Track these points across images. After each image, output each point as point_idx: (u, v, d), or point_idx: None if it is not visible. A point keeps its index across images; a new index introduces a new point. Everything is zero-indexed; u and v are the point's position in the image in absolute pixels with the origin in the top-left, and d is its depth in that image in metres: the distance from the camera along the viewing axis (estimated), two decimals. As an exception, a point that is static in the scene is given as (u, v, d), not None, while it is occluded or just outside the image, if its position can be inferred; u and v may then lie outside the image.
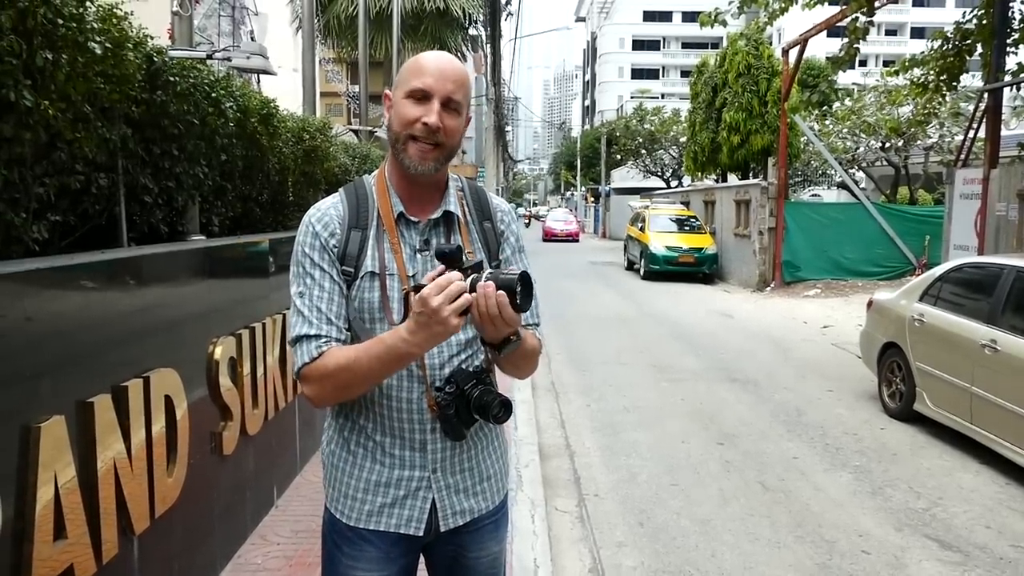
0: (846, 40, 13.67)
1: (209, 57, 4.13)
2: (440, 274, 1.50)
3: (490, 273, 1.52)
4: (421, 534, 1.78)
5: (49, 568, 2.29)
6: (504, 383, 1.85)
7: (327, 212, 1.77)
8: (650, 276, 20.38)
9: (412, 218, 1.77)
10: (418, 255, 1.75)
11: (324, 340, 1.67)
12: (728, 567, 4.28)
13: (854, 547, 4.54)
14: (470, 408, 1.69)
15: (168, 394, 3.05)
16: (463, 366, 1.75)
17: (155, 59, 3.38)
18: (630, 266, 23.23)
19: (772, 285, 17.98)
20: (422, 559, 1.91)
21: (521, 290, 1.49)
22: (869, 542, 4.62)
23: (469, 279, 1.50)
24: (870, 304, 8.11)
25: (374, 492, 1.77)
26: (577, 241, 40.28)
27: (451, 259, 1.53)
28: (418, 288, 1.49)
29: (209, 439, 3.59)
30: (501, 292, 1.48)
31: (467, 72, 1.75)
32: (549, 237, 39.94)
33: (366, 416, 1.78)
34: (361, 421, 1.79)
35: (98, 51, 2.76)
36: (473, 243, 1.82)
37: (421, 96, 1.67)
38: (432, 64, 1.70)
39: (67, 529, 2.36)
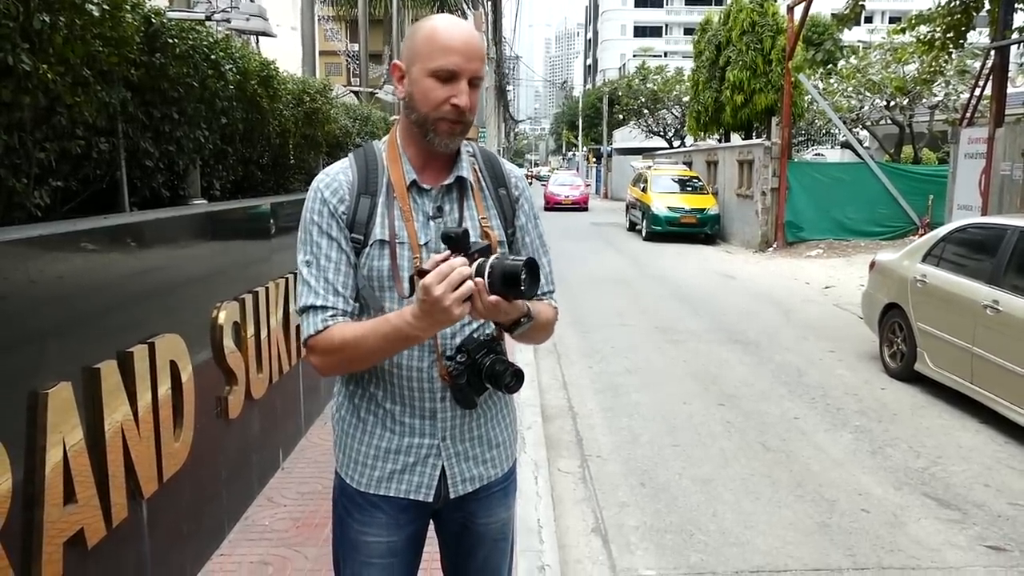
0: (852, -4, 13.47)
1: (208, 18, 4.09)
2: (444, 259, 1.47)
3: (496, 259, 1.49)
4: (431, 500, 1.79)
5: (59, 530, 2.32)
6: (506, 345, 1.86)
7: (336, 178, 1.74)
8: (652, 237, 20.35)
9: (424, 185, 1.74)
10: (431, 222, 1.72)
11: (331, 313, 1.66)
12: (729, 526, 4.33)
13: (854, 506, 4.59)
14: (482, 377, 1.68)
15: (173, 359, 3.06)
16: (474, 335, 1.74)
17: (153, 21, 3.33)
18: (632, 227, 23.18)
19: (774, 246, 17.95)
20: (432, 525, 1.93)
21: (527, 277, 1.46)
22: (869, 501, 4.67)
23: (475, 264, 1.47)
24: (872, 265, 8.10)
25: (384, 459, 1.78)
26: (586, 209, 33.31)
27: (457, 243, 1.50)
28: (421, 273, 1.47)
29: (215, 403, 3.61)
30: (495, 297, 1.46)
31: (483, 40, 1.72)
32: (552, 205, 33.03)
33: (376, 384, 1.78)
34: (371, 388, 1.79)
35: (95, 13, 2.72)
36: (488, 210, 1.80)
37: (448, 77, 1.63)
38: (456, 40, 1.63)
39: (76, 493, 2.39)
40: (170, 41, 3.42)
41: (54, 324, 2.38)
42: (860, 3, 13.58)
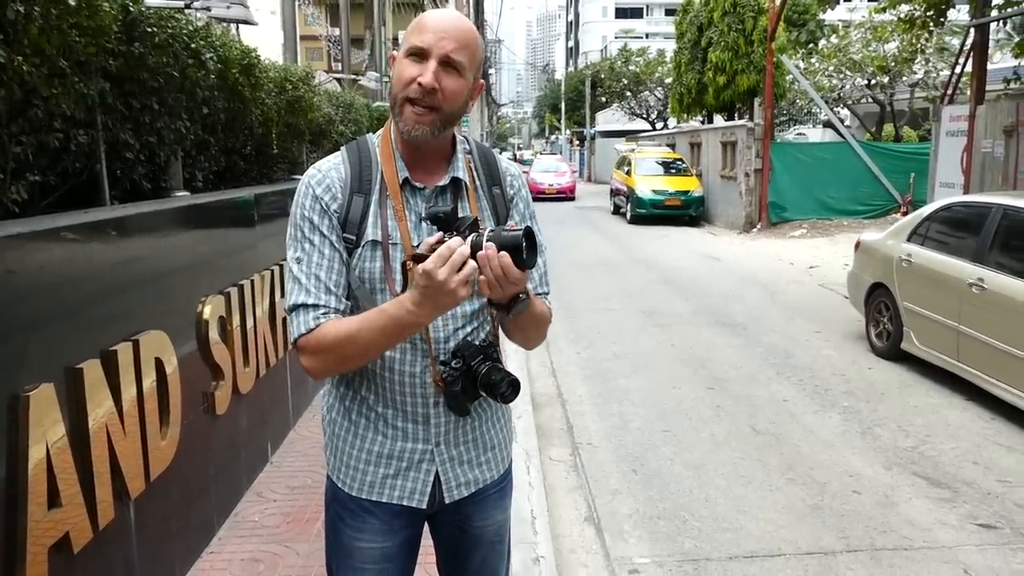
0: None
1: (187, 6, 3.99)
2: (439, 241, 1.43)
3: (492, 231, 1.45)
4: (424, 506, 1.75)
5: (43, 532, 2.27)
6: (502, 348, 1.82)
7: (328, 174, 1.68)
8: (637, 220, 20.35)
9: (418, 184, 1.68)
10: (423, 223, 1.66)
11: (323, 311, 1.60)
12: (721, 511, 4.33)
13: (845, 487, 4.61)
14: (477, 385, 1.64)
15: (158, 356, 3.01)
16: (469, 339, 1.69)
17: (131, 9, 3.25)
18: (616, 210, 23.17)
19: (758, 226, 18.00)
20: (427, 527, 1.89)
21: (527, 246, 1.43)
22: (860, 482, 4.68)
23: (469, 241, 1.43)
24: (858, 245, 8.12)
25: (376, 463, 1.73)
26: (573, 199, 29.71)
27: (447, 222, 1.46)
28: (417, 258, 1.43)
29: (201, 399, 3.56)
30: (504, 253, 1.42)
31: (474, 32, 1.65)
32: (535, 195, 26.92)
33: (368, 387, 1.73)
34: (363, 392, 1.73)
35: (72, 2, 2.65)
36: (482, 210, 1.74)
37: (418, 54, 1.58)
38: (435, 22, 1.60)
39: (61, 496, 2.34)
40: (149, 30, 3.34)
41: (34, 324, 2.32)
42: (842, -17, 13.59)
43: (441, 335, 1.67)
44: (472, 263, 1.41)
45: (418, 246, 1.59)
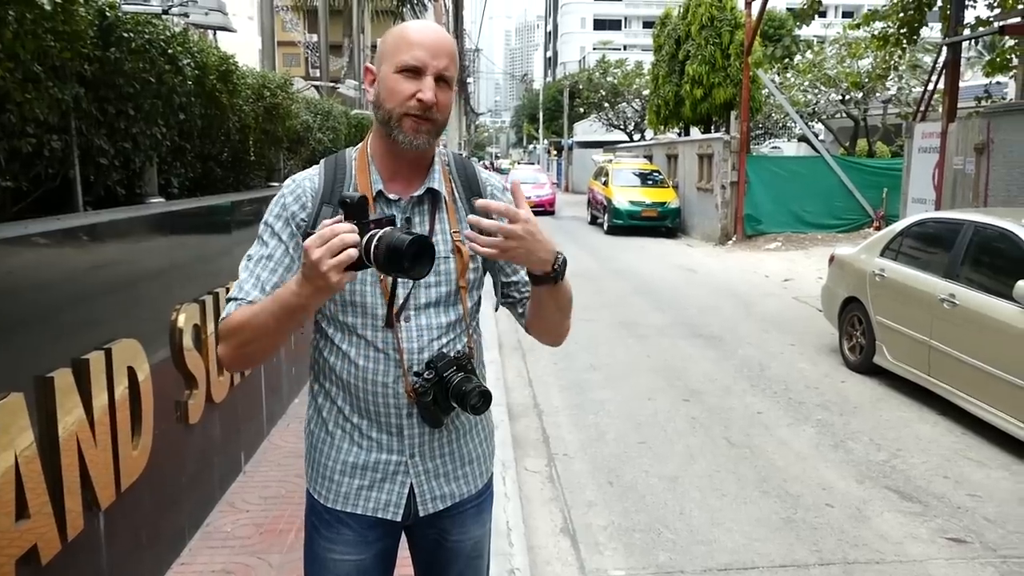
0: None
1: (165, 12, 3.95)
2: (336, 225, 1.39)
3: (387, 231, 1.39)
4: (399, 519, 1.75)
5: (9, 543, 2.23)
6: (482, 359, 1.81)
7: (301, 183, 1.71)
8: (613, 231, 20.42)
9: (392, 196, 1.69)
10: None
11: (245, 303, 1.61)
12: (696, 524, 4.34)
13: (818, 501, 4.64)
14: (448, 396, 1.63)
15: (131, 365, 2.97)
16: (444, 350, 1.69)
17: (107, 14, 3.21)
18: (593, 221, 23.25)
19: (734, 239, 18.13)
20: (404, 541, 1.88)
21: (410, 252, 1.36)
22: (832, 495, 4.72)
23: (368, 235, 1.38)
24: (832, 259, 8.20)
25: (351, 474, 1.73)
26: (552, 212, 28.22)
27: (352, 209, 1.41)
28: (308, 236, 1.39)
29: (174, 408, 3.52)
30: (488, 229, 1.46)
31: (455, 44, 1.68)
32: None
33: (343, 397, 1.73)
34: (339, 402, 1.74)
35: (47, 7, 2.62)
36: (461, 222, 1.74)
37: (413, 71, 1.60)
38: (424, 38, 1.62)
39: (29, 507, 2.30)
40: (125, 35, 3.30)
41: (4, 331, 2.28)
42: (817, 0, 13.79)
43: (415, 346, 1.67)
44: (351, 251, 1.35)
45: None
